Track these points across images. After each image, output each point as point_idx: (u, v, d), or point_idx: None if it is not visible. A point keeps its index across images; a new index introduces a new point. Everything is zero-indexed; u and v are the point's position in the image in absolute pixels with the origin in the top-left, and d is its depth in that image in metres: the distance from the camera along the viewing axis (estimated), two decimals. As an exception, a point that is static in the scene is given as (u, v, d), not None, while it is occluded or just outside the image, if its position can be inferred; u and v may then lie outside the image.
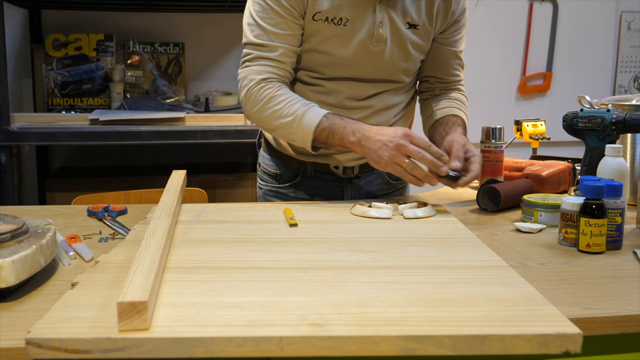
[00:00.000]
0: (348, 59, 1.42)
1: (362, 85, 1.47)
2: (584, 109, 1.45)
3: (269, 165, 1.60)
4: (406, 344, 0.71)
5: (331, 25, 1.38)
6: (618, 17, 3.36)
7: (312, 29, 1.40)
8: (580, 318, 0.81)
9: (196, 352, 0.70)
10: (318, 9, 1.37)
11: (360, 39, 1.40)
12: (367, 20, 1.39)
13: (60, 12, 2.84)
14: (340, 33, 1.39)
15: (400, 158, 1.28)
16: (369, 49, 1.42)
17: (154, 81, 2.85)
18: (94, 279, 0.89)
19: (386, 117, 1.51)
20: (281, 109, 1.36)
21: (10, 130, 2.34)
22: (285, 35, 1.38)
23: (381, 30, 1.40)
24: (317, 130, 1.33)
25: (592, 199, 1.09)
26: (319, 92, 1.47)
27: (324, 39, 1.40)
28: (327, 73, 1.45)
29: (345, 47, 1.41)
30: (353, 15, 1.38)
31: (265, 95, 1.37)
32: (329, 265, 0.96)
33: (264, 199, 1.63)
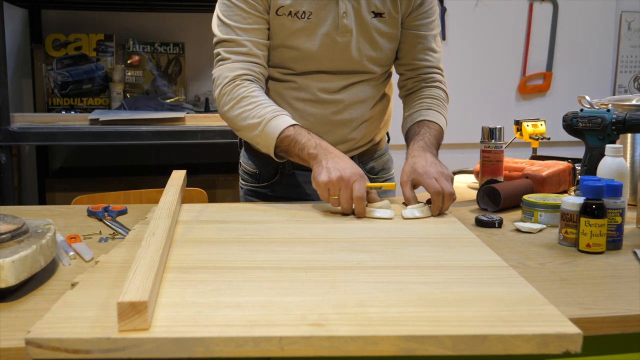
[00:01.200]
0: (315, 52, 1.43)
1: (333, 77, 1.47)
2: (584, 109, 1.45)
3: (248, 165, 1.61)
4: (406, 344, 0.71)
5: (295, 19, 1.39)
6: (618, 17, 3.36)
7: (277, 24, 1.41)
8: (580, 318, 0.81)
9: (196, 352, 0.70)
10: (281, 4, 1.38)
11: (325, 31, 1.41)
12: (331, 11, 1.40)
13: (60, 12, 2.84)
14: (305, 26, 1.40)
15: (334, 189, 1.25)
16: (335, 41, 1.42)
17: (154, 81, 2.85)
18: (94, 279, 0.89)
19: (360, 111, 1.52)
20: (251, 110, 1.35)
21: (10, 130, 2.34)
22: (252, 29, 1.39)
23: (345, 20, 1.41)
24: (280, 137, 1.32)
25: (592, 199, 1.09)
26: (291, 88, 1.48)
27: (289, 34, 1.41)
28: (297, 68, 1.46)
29: (311, 40, 1.42)
30: (316, 8, 1.40)
31: (238, 94, 1.37)
32: (329, 265, 0.96)
33: (244, 199, 1.64)
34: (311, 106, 1.48)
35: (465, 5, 3.17)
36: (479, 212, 1.40)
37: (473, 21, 3.19)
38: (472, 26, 3.19)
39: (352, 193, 1.25)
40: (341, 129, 1.52)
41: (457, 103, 3.32)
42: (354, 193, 1.24)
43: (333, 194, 1.26)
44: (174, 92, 2.87)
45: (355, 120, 1.52)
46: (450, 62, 3.47)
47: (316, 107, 1.48)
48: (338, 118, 1.50)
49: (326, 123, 1.50)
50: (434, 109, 1.51)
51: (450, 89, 1.60)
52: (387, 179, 1.68)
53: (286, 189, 1.57)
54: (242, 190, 1.66)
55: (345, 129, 1.52)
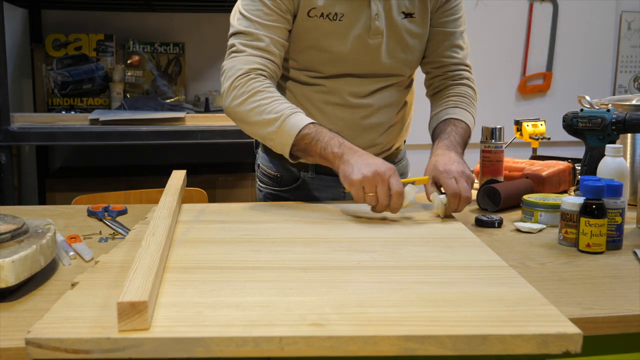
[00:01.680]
0: (346, 55, 1.41)
1: (362, 80, 1.45)
2: (584, 109, 1.45)
3: (269, 167, 1.57)
4: (406, 344, 0.71)
5: (327, 21, 1.37)
6: (618, 17, 3.36)
7: (307, 26, 1.38)
8: (580, 318, 0.81)
9: (196, 352, 0.70)
10: (313, 5, 1.36)
11: (356, 33, 1.39)
12: (363, 13, 1.39)
13: (60, 12, 2.84)
14: (336, 28, 1.38)
15: (370, 186, 1.19)
16: (366, 43, 1.40)
17: (154, 81, 2.85)
18: (94, 279, 0.89)
19: (388, 115, 1.50)
20: (267, 104, 1.29)
21: (10, 130, 2.34)
22: (272, 26, 1.35)
23: (377, 22, 1.39)
24: (300, 134, 1.26)
25: (592, 199, 1.09)
26: (320, 91, 1.45)
27: (320, 36, 1.39)
28: (326, 71, 1.44)
29: (342, 43, 1.39)
30: (348, 10, 1.37)
31: (253, 87, 1.30)
32: (329, 265, 0.96)
33: (264, 201, 1.60)
34: (340, 110, 1.46)
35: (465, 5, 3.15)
36: (479, 212, 1.40)
37: (473, 21, 3.17)
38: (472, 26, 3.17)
39: (389, 188, 1.19)
40: (369, 134, 1.49)
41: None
42: (394, 188, 1.19)
43: (369, 191, 1.19)
44: (174, 92, 2.87)
45: (383, 125, 1.50)
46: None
47: (345, 111, 1.46)
48: (367, 122, 1.48)
49: (355, 127, 1.47)
50: (461, 107, 1.49)
51: (449, 89, 1.59)
52: None
53: (308, 193, 1.53)
54: (260, 192, 1.61)
55: (373, 134, 1.50)
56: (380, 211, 1.22)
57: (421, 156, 1.56)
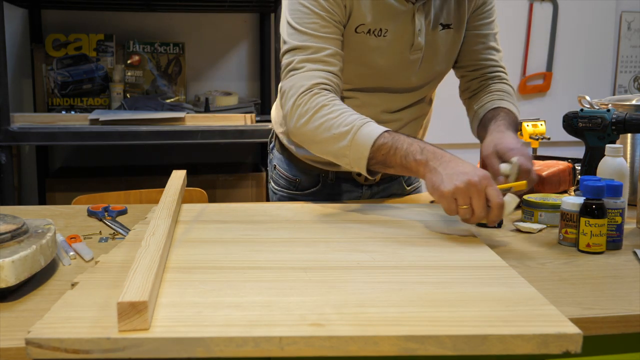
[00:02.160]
0: (385, 70, 1.36)
1: (396, 96, 1.42)
2: (584, 109, 1.45)
3: (286, 170, 1.53)
4: (406, 344, 0.71)
5: (372, 37, 1.31)
6: (618, 17, 3.37)
7: (353, 41, 1.31)
8: (580, 318, 0.81)
9: (196, 352, 0.70)
10: (361, 21, 1.30)
11: (399, 49, 1.34)
12: (407, 29, 1.34)
13: (60, 12, 2.84)
14: (380, 44, 1.33)
15: (463, 198, 1.07)
16: (407, 59, 1.36)
17: (154, 81, 2.85)
18: (94, 279, 0.89)
19: (413, 129, 1.49)
20: (335, 118, 1.18)
21: (10, 130, 2.34)
22: (330, 38, 1.26)
23: (419, 38, 1.35)
24: (375, 145, 1.15)
25: (592, 199, 1.09)
26: (352, 105, 1.30)
27: (364, 52, 1.33)
28: (361, 84, 1.39)
29: (384, 59, 1.34)
30: (393, 25, 1.32)
31: (317, 103, 1.20)
32: (329, 265, 0.96)
33: None
34: None
35: (465, 5, 3.17)
36: (479, 212, 1.40)
37: (473, 21, 3.19)
38: (472, 26, 3.19)
39: (485, 200, 1.07)
40: None
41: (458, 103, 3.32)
42: (493, 200, 1.06)
43: (462, 204, 1.07)
44: (174, 92, 2.87)
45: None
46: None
47: None
48: None
49: None
50: (507, 99, 1.44)
51: (450, 89, 1.59)
52: (418, 187, 1.66)
53: (327, 198, 1.50)
54: (275, 195, 1.57)
55: None
56: (475, 222, 1.11)
57: None
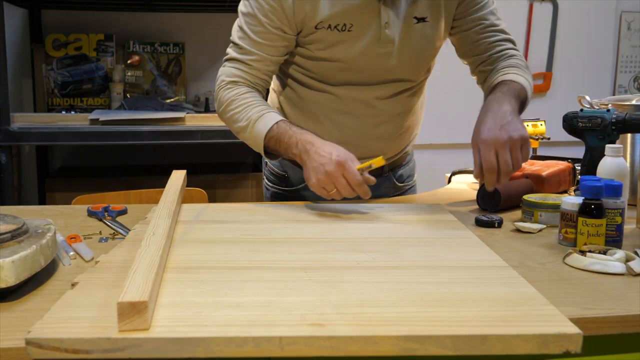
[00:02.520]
0: (355, 64, 1.39)
1: (373, 88, 1.43)
2: (584, 109, 1.45)
3: (276, 166, 1.57)
4: (406, 344, 0.71)
5: (335, 32, 1.35)
6: (618, 17, 3.36)
7: (315, 38, 1.36)
8: (580, 318, 0.81)
9: (196, 352, 0.70)
10: (320, 19, 1.34)
11: (366, 43, 1.37)
12: (373, 22, 1.36)
13: (60, 12, 2.84)
14: (345, 39, 1.36)
15: (329, 185, 1.23)
16: (375, 52, 1.38)
17: (154, 81, 2.85)
18: (94, 279, 0.89)
19: (398, 123, 1.50)
20: (240, 112, 1.35)
21: (10, 130, 2.34)
22: (264, 44, 1.36)
23: (387, 31, 1.36)
24: (267, 137, 1.31)
25: (590, 199, 1.09)
26: (330, 100, 1.44)
27: (328, 46, 1.37)
28: (335, 79, 1.42)
29: (351, 52, 1.37)
30: (357, 20, 1.34)
31: (229, 97, 1.37)
32: (329, 265, 0.96)
33: (271, 200, 1.60)
34: (350, 119, 1.45)
35: (465, 5, 3.17)
36: (479, 212, 1.40)
37: (473, 21, 3.19)
38: (472, 26, 3.19)
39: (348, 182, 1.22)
40: (379, 142, 1.49)
41: (458, 103, 3.33)
42: (351, 181, 1.22)
43: (329, 190, 1.24)
44: (174, 92, 2.87)
45: (393, 133, 1.50)
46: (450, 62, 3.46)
47: (355, 120, 1.45)
48: (376, 131, 1.47)
49: (364, 136, 1.47)
50: (512, 72, 1.42)
51: (450, 89, 1.60)
52: (412, 185, 1.67)
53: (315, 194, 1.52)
54: (267, 191, 1.61)
55: (383, 142, 1.49)
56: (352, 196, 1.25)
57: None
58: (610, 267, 0.99)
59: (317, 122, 1.46)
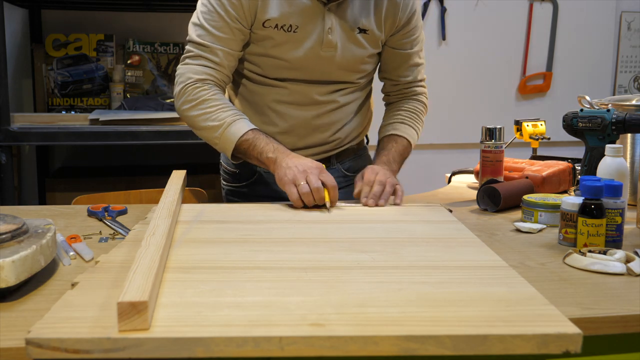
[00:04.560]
0: (298, 64, 1.46)
1: (316, 85, 1.50)
2: (584, 109, 1.45)
3: (228, 164, 1.63)
4: (406, 344, 0.71)
5: (281, 32, 1.42)
6: (618, 17, 3.36)
7: (263, 35, 1.43)
8: (580, 318, 0.81)
9: (196, 352, 0.70)
10: (268, 17, 1.40)
11: (309, 45, 1.44)
12: (317, 26, 1.43)
13: (60, 12, 2.84)
14: (290, 39, 1.43)
15: (299, 180, 1.30)
16: (318, 55, 1.45)
17: (154, 81, 2.85)
18: (94, 279, 0.89)
19: (342, 115, 1.55)
20: (212, 112, 1.40)
21: (10, 130, 2.34)
22: (226, 39, 1.41)
23: (330, 36, 1.43)
24: (240, 140, 1.37)
25: (590, 199, 1.09)
26: (274, 92, 1.51)
27: (275, 45, 1.44)
28: (280, 75, 1.49)
29: (295, 53, 1.44)
30: (302, 22, 1.42)
31: (200, 96, 1.41)
32: (329, 265, 0.96)
33: (226, 199, 1.66)
34: (292, 109, 1.51)
35: (465, 5, 3.17)
36: (479, 212, 1.41)
37: (473, 21, 3.19)
38: (472, 26, 3.19)
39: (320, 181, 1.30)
40: (321, 133, 1.55)
41: (457, 103, 3.33)
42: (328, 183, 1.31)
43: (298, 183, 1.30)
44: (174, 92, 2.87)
45: (335, 124, 1.55)
46: (450, 62, 3.47)
47: (297, 110, 1.51)
48: (318, 122, 1.53)
49: (307, 126, 1.53)
50: (407, 122, 1.57)
51: (450, 89, 1.61)
52: None
53: (265, 187, 1.59)
54: (223, 190, 1.67)
55: (325, 132, 1.55)
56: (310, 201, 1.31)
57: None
58: (610, 267, 0.99)
59: (260, 113, 1.53)
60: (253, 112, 1.54)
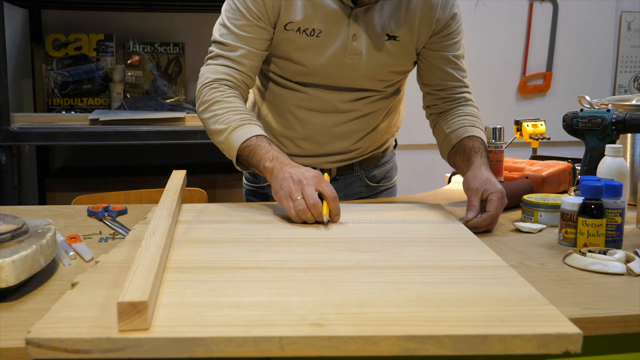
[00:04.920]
0: (321, 69, 1.42)
1: (339, 92, 1.46)
2: (584, 109, 1.45)
3: None
4: (406, 344, 0.71)
5: (304, 35, 1.37)
6: (618, 17, 3.36)
7: (284, 38, 1.39)
8: (580, 318, 0.81)
9: (196, 352, 0.70)
10: (290, 19, 1.36)
11: (333, 51, 1.39)
12: (341, 32, 1.38)
13: (60, 12, 2.84)
14: (313, 44, 1.38)
15: (295, 195, 1.18)
16: (342, 61, 1.40)
17: (154, 81, 2.85)
18: (94, 279, 0.89)
19: (364, 124, 1.52)
20: (221, 115, 1.33)
21: (10, 130, 2.34)
22: (249, 37, 1.37)
23: (355, 43, 1.38)
24: (242, 146, 1.28)
25: (590, 199, 1.09)
26: (296, 96, 1.47)
27: (296, 49, 1.40)
28: (301, 80, 1.45)
29: (317, 58, 1.40)
30: (326, 27, 1.37)
31: (213, 97, 1.35)
32: (329, 265, 0.96)
33: (245, 198, 1.65)
34: (313, 116, 1.48)
35: (465, 5, 3.15)
36: (479, 212, 1.40)
37: (473, 21, 3.19)
38: (472, 26, 3.19)
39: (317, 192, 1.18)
40: (342, 141, 1.51)
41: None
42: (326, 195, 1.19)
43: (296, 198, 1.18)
44: (174, 92, 2.87)
45: (357, 133, 1.51)
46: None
47: (318, 117, 1.47)
48: (339, 130, 1.50)
49: (327, 134, 1.49)
50: (478, 126, 1.45)
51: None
52: (389, 187, 1.67)
53: None
54: (244, 189, 1.66)
55: (347, 141, 1.51)
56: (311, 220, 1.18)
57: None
58: (610, 267, 0.99)
59: (282, 117, 1.50)
60: (275, 115, 1.51)
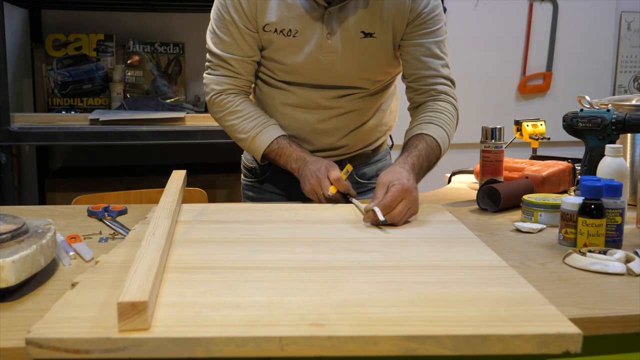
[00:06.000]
0: (300, 68, 1.45)
1: (320, 90, 1.49)
2: (584, 109, 1.45)
3: (247, 160, 1.66)
4: (406, 344, 0.71)
5: (281, 36, 1.42)
6: (618, 17, 3.37)
7: (264, 39, 1.44)
8: (580, 318, 0.81)
9: (196, 352, 0.70)
10: (267, 21, 1.41)
11: (309, 50, 1.42)
12: (316, 31, 1.41)
13: (60, 12, 2.84)
14: (290, 44, 1.42)
15: (317, 189, 1.38)
16: (319, 59, 1.43)
17: (154, 81, 2.85)
18: (94, 279, 0.89)
19: (349, 120, 1.53)
20: (239, 124, 1.48)
21: (10, 130, 2.34)
22: (238, 45, 1.44)
23: (330, 41, 1.41)
24: (266, 150, 1.46)
25: (590, 199, 1.09)
26: (280, 94, 1.51)
27: (276, 49, 1.44)
28: (286, 79, 1.49)
29: (296, 57, 1.44)
30: (302, 27, 1.41)
31: (226, 108, 1.48)
32: (329, 265, 0.96)
33: (243, 194, 1.70)
34: (299, 112, 1.51)
35: (465, 5, 3.17)
36: (479, 212, 1.41)
37: (473, 21, 3.19)
38: (472, 26, 3.19)
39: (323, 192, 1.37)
40: (327, 137, 1.53)
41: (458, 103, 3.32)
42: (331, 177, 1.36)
43: (318, 193, 1.38)
44: (174, 92, 2.87)
45: (343, 129, 1.53)
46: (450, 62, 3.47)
47: (303, 113, 1.51)
48: (323, 126, 1.52)
49: (311, 130, 1.52)
50: (436, 123, 1.42)
51: (450, 89, 1.58)
52: None
53: (275, 185, 1.61)
54: (242, 184, 1.70)
55: (331, 137, 1.54)
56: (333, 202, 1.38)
57: None
58: (610, 267, 0.99)
59: (270, 114, 1.53)
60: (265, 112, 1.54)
